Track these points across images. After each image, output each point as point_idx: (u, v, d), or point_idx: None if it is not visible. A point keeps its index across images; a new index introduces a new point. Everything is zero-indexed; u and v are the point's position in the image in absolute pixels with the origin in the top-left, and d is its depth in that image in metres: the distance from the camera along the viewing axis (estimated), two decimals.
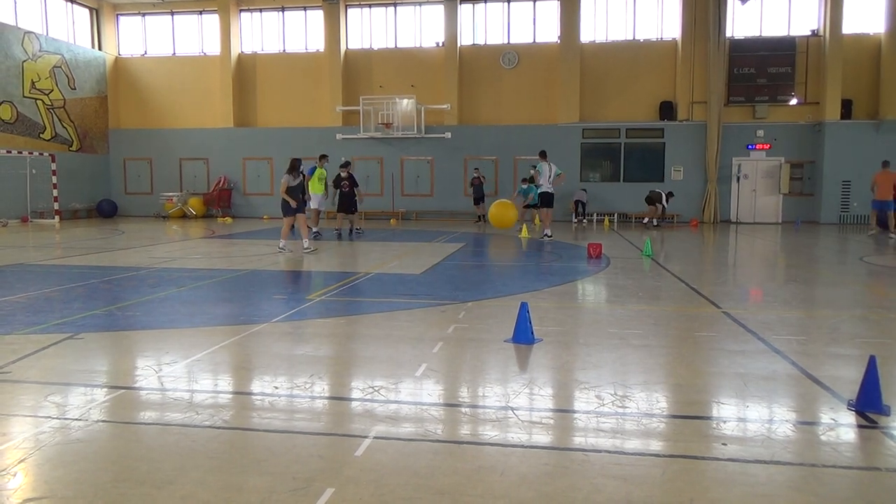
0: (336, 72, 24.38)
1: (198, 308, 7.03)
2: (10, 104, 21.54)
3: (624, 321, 6.39)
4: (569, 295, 8.07)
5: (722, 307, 7.07)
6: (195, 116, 25.61)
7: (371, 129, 23.66)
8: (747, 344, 5.45)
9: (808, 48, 22.29)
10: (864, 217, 21.82)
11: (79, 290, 8.07)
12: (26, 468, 3.06)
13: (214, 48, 25.42)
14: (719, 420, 3.78)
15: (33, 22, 22.82)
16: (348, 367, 4.97)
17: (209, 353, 5.16)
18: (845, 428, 3.62)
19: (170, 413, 3.81)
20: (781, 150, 22.54)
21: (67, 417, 3.72)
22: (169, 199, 24.26)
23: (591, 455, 3.20)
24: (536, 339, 5.46)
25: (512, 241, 15.22)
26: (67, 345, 5.36)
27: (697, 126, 22.70)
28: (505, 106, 23.95)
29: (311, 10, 25.06)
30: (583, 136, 23.30)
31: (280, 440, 3.45)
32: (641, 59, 23.28)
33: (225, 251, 12.78)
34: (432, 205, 24.24)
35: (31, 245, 14.25)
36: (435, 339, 5.59)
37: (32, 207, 21.81)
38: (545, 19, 23.89)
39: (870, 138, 21.58)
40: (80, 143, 24.71)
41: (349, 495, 2.78)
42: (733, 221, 22.86)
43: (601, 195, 23.06)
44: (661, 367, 4.91)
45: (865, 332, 6.06)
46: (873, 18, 22.02)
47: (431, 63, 24.18)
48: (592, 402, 4.01)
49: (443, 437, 3.50)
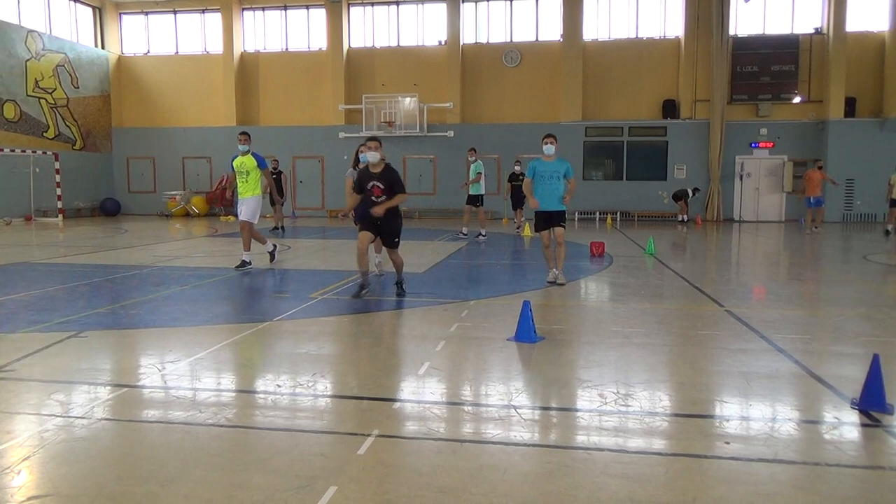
0: (338, 70, 24.38)
1: (201, 306, 7.04)
2: (14, 103, 21.57)
3: (626, 319, 6.38)
4: (571, 293, 8.06)
5: (725, 305, 7.06)
6: (198, 115, 25.63)
7: (374, 128, 23.62)
8: (750, 342, 5.45)
9: (811, 46, 22.21)
10: (868, 215, 21.79)
11: (82, 288, 8.09)
12: (30, 466, 3.07)
13: (217, 47, 25.43)
14: (722, 419, 3.77)
15: (36, 21, 22.85)
16: (351, 366, 4.97)
17: (212, 352, 5.17)
18: (849, 427, 3.61)
19: (173, 411, 3.82)
20: (785, 148, 22.48)
21: (71, 415, 3.73)
22: (172, 198, 24.29)
23: (594, 453, 3.20)
24: (539, 338, 5.46)
25: (514, 241, 15.21)
26: (71, 343, 5.38)
27: (700, 124, 22.66)
28: (507, 104, 23.92)
29: (314, 9, 25.05)
30: (585, 134, 23.27)
31: (283, 438, 3.45)
32: (644, 57, 23.23)
33: (228, 249, 12.79)
34: (435, 203, 24.23)
35: (34, 244, 14.28)
36: (437, 337, 5.59)
37: (36, 206, 21.85)
38: (548, 17, 23.85)
39: (873, 136, 21.51)
40: (84, 141, 24.74)
41: (352, 493, 2.78)
42: (736, 220, 22.82)
43: (604, 193, 23.05)
44: (664, 365, 4.90)
45: (869, 330, 6.04)
46: (877, 16, 21.94)
47: (434, 61, 24.16)
48: (595, 400, 4.01)
49: (445, 435, 3.50)
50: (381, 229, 7.52)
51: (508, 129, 23.52)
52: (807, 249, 13.61)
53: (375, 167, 7.31)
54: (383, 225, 7.45)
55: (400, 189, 7.38)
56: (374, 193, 7.29)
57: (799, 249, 13.79)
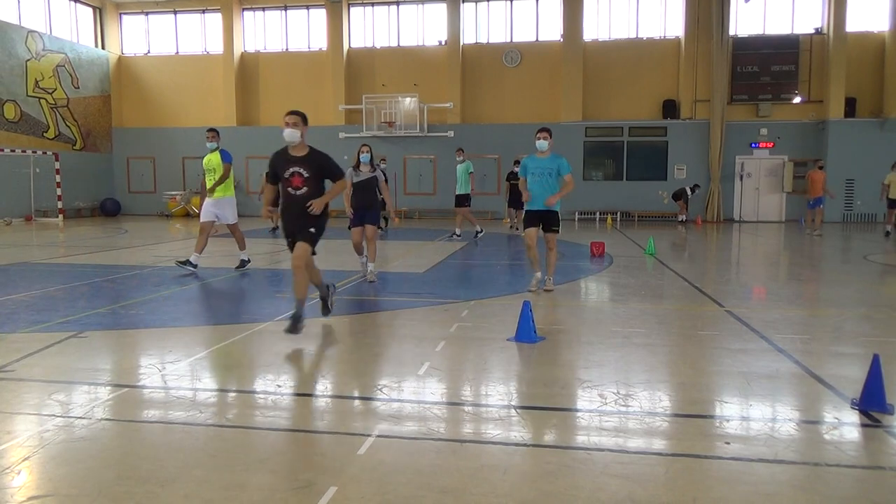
0: (339, 70, 24.38)
1: (201, 306, 7.04)
2: (14, 103, 21.58)
3: (627, 320, 6.38)
4: (571, 293, 8.06)
5: (725, 306, 7.06)
6: (198, 115, 25.62)
7: (374, 128, 23.65)
8: (750, 342, 5.44)
9: (811, 46, 22.21)
10: (868, 216, 21.78)
11: (82, 288, 8.09)
12: (30, 466, 3.07)
13: (217, 47, 25.43)
14: (722, 419, 3.77)
15: (37, 21, 22.85)
16: (351, 366, 4.97)
17: (212, 352, 5.17)
18: (849, 427, 3.61)
19: (173, 411, 3.82)
20: (785, 148, 22.48)
21: (71, 415, 3.73)
22: (172, 198, 24.29)
23: (594, 454, 3.20)
24: (539, 338, 5.46)
25: (514, 240, 15.21)
26: (71, 343, 5.38)
27: (700, 124, 22.65)
28: (507, 104, 23.92)
29: (314, 9, 25.06)
30: (586, 134, 23.26)
31: (283, 438, 3.45)
32: (644, 57, 23.23)
33: (228, 249, 12.78)
34: (435, 203, 24.23)
35: (34, 244, 14.29)
36: (437, 337, 5.59)
37: (36, 206, 21.85)
38: (548, 17, 23.85)
39: (874, 136, 21.50)
40: (84, 141, 24.75)
41: (352, 494, 2.78)
42: (736, 220, 22.82)
43: (604, 193, 23.04)
44: (664, 365, 4.90)
45: (869, 330, 6.04)
46: (877, 16, 21.94)
47: (434, 61, 24.16)
48: (595, 400, 4.00)
49: (445, 435, 3.50)
50: (297, 224, 5.70)
51: (508, 129, 23.51)
52: (807, 250, 13.61)
53: (296, 149, 5.78)
54: (303, 220, 5.63)
55: (336, 174, 5.84)
56: (293, 184, 5.64)
57: (799, 249, 13.79)
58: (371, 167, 8.61)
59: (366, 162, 8.55)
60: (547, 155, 7.75)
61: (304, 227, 5.62)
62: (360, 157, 8.55)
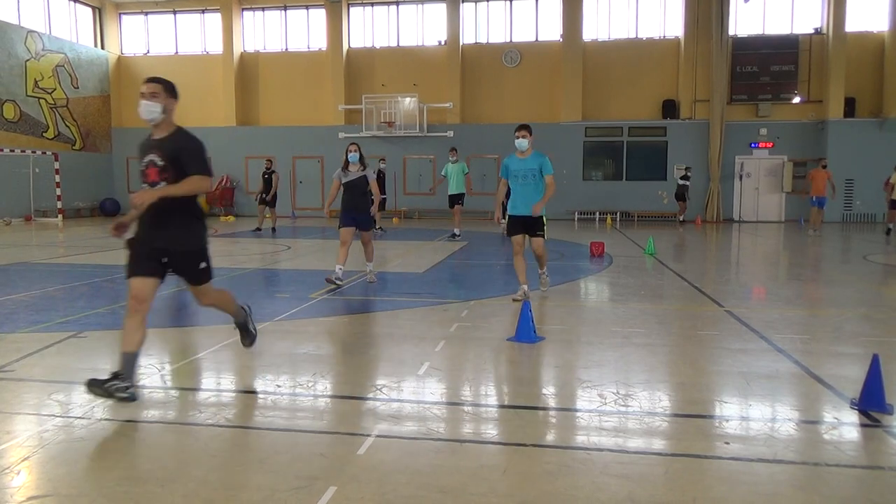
0: (338, 70, 24.37)
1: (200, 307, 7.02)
2: (14, 103, 21.57)
3: (626, 320, 6.38)
4: (571, 293, 8.06)
5: (725, 306, 7.06)
6: (197, 115, 25.54)
7: (373, 128, 23.64)
8: (750, 342, 5.45)
9: (811, 46, 22.22)
10: (868, 215, 21.79)
11: (82, 288, 8.09)
12: (30, 466, 3.07)
13: (217, 47, 25.43)
14: (722, 419, 3.77)
15: (36, 21, 22.84)
16: (350, 366, 4.97)
17: (212, 352, 5.17)
18: (848, 427, 3.61)
19: (173, 411, 3.82)
20: (784, 148, 22.48)
21: (71, 416, 3.73)
22: None
23: (594, 454, 3.20)
24: (538, 338, 5.45)
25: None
26: (71, 343, 5.38)
27: (700, 124, 22.66)
28: (507, 104, 23.91)
29: (314, 9, 25.05)
30: (585, 134, 23.26)
31: (282, 438, 3.45)
32: (644, 57, 23.23)
33: (227, 249, 12.79)
34: (434, 203, 24.22)
35: (34, 244, 14.28)
36: (437, 337, 5.59)
37: (36, 206, 21.84)
38: (548, 17, 23.85)
39: (873, 137, 21.51)
40: (83, 141, 24.74)
41: (351, 494, 2.78)
42: (736, 220, 22.82)
43: (603, 193, 23.04)
44: (664, 365, 4.90)
45: (869, 330, 6.04)
46: (877, 16, 21.94)
47: (434, 61, 24.16)
48: (595, 400, 4.00)
49: (445, 435, 3.50)
50: (162, 248, 4.19)
51: (508, 129, 23.19)
52: (806, 250, 13.61)
53: (159, 128, 4.02)
54: (159, 238, 4.14)
55: (192, 165, 3.94)
56: (149, 177, 4.01)
57: (799, 249, 13.79)
58: (361, 166, 8.24)
59: (354, 161, 8.21)
60: (528, 154, 7.17)
61: (174, 250, 4.10)
62: (349, 157, 8.23)
